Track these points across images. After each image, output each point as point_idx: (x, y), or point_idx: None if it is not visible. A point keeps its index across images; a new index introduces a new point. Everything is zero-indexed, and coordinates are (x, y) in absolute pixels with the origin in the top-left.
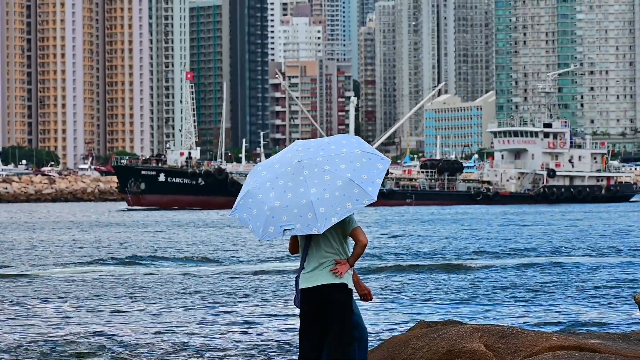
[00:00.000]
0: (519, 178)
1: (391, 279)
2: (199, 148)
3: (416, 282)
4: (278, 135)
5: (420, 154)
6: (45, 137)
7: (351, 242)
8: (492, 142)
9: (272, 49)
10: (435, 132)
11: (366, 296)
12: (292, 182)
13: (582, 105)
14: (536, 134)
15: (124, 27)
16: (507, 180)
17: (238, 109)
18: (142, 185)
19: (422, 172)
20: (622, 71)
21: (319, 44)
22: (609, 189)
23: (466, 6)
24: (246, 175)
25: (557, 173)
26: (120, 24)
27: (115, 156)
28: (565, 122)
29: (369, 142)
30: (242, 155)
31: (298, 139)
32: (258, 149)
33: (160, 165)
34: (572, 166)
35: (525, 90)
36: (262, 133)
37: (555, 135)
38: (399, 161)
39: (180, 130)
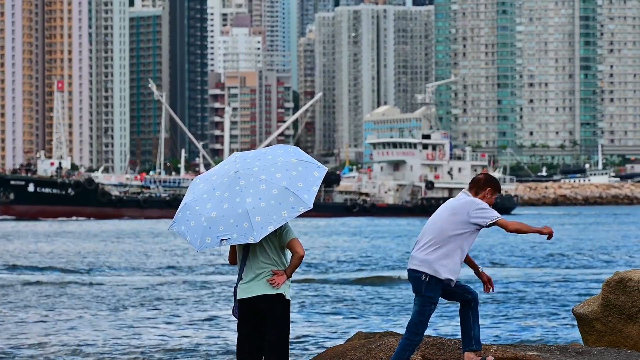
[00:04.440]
0: (397, 190)
1: (325, 290)
2: (69, 158)
3: (353, 293)
4: (217, 146)
5: (359, 165)
6: None
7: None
8: (371, 154)
9: (212, 59)
10: None
11: (489, 283)
12: (228, 193)
13: (521, 117)
14: (415, 145)
15: (64, 36)
16: (386, 192)
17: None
18: (12, 195)
19: None
20: (562, 83)
21: (258, 55)
22: None
23: (406, 18)
24: (117, 186)
25: (436, 185)
26: (60, 33)
27: None
28: (445, 133)
29: (307, 153)
30: (181, 165)
31: (237, 149)
32: (197, 159)
33: (29, 175)
34: (452, 178)
35: (465, 102)
36: (201, 143)
37: (434, 146)
38: (337, 172)
39: (112, 137)
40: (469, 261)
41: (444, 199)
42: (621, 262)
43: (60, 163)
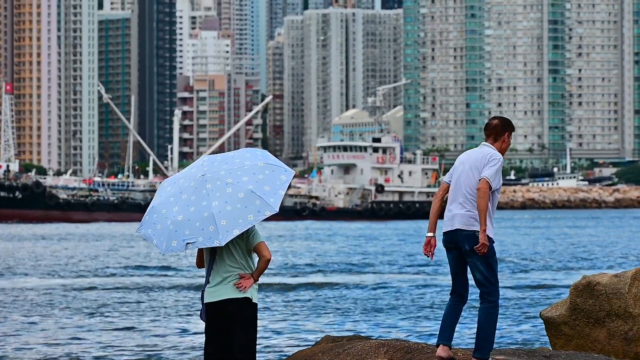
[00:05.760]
0: (347, 193)
1: (294, 293)
2: (17, 161)
3: (320, 297)
4: (186, 149)
5: None
6: None
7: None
8: (321, 157)
9: (181, 62)
10: None
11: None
12: (194, 196)
13: None
14: (365, 148)
15: (33, 39)
16: (336, 196)
17: (146, 122)
18: None
19: None
20: (530, 87)
21: (227, 58)
22: None
23: (375, 21)
24: (65, 189)
25: (387, 188)
26: (29, 36)
27: None
28: (395, 136)
29: (276, 156)
30: (150, 168)
31: (206, 152)
32: (165, 162)
33: None
34: (402, 181)
35: (433, 105)
36: (169, 146)
37: (384, 150)
38: (306, 175)
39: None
40: (433, 223)
41: (394, 203)
42: (587, 266)
43: (7, 166)
